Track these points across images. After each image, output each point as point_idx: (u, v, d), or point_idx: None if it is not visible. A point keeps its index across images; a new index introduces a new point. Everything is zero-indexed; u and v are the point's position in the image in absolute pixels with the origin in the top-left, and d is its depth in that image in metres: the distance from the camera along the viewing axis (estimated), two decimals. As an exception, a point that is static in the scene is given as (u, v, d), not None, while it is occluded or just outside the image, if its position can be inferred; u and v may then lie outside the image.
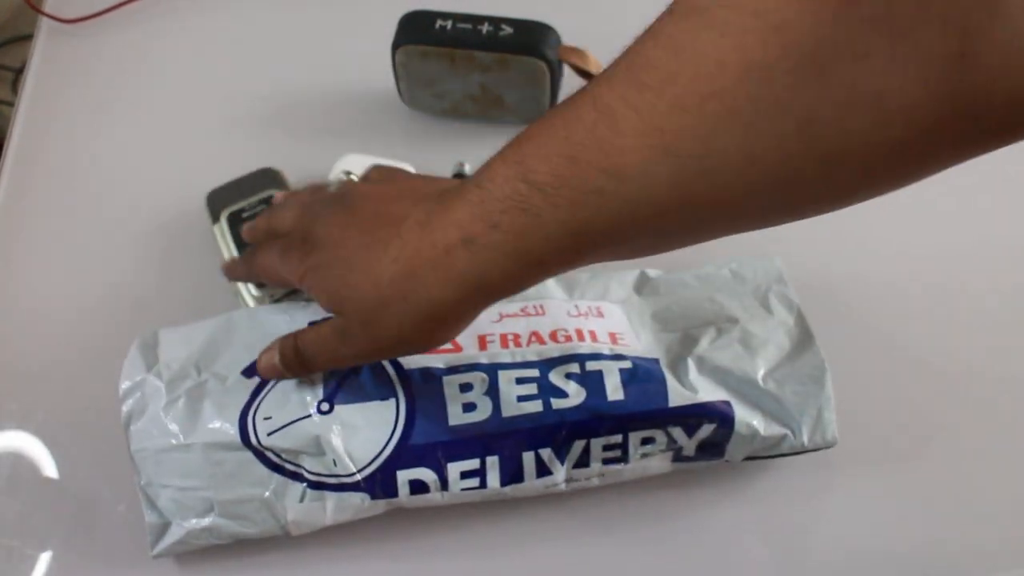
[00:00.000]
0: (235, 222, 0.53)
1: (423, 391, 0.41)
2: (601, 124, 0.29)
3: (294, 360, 0.40)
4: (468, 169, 0.57)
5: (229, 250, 0.52)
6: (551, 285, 0.47)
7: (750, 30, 0.26)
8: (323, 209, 0.40)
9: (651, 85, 0.28)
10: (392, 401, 0.41)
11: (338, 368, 0.41)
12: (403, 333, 0.36)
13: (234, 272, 0.48)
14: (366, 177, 0.44)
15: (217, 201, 0.54)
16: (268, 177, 0.55)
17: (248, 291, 0.50)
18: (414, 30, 0.56)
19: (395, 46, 0.56)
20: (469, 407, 0.41)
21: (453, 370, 0.42)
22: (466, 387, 0.41)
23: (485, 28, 0.55)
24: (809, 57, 0.26)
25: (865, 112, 0.26)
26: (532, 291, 0.47)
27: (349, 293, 0.36)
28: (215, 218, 0.53)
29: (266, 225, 0.45)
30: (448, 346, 0.43)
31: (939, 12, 0.24)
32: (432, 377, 0.42)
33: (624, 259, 0.34)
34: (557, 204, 0.30)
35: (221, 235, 0.52)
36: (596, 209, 0.30)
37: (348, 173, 0.51)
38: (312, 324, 0.42)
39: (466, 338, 0.43)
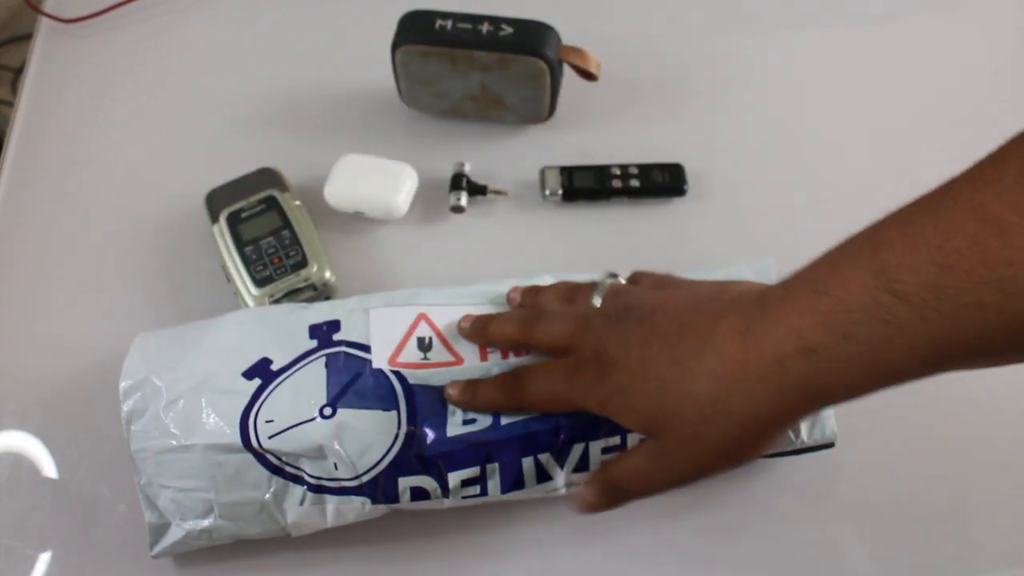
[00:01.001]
0: (234, 222, 0.53)
1: (425, 404, 0.41)
2: (986, 234, 0.26)
3: (613, 496, 0.38)
4: (468, 169, 0.57)
5: (228, 250, 0.52)
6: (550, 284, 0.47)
7: None
8: (609, 324, 0.37)
9: None
10: (394, 412, 0.41)
11: (659, 494, 0.38)
12: (725, 450, 0.33)
13: (493, 401, 0.41)
14: (634, 282, 0.41)
15: (216, 201, 0.54)
16: (267, 177, 0.55)
17: (248, 291, 0.50)
18: (414, 30, 0.56)
19: (395, 46, 0.56)
20: (469, 421, 0.41)
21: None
22: None
23: (485, 28, 0.55)
24: None
25: None
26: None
27: (664, 414, 0.34)
28: (214, 218, 0.53)
29: (520, 335, 0.41)
30: (450, 358, 0.43)
31: None
32: (435, 394, 0.42)
33: (980, 367, 0.31)
34: (926, 317, 0.28)
35: (220, 235, 0.52)
36: (971, 323, 0.27)
37: (613, 276, 0.43)
38: (611, 451, 0.41)
39: (467, 348, 0.43)
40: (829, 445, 0.44)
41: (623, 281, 0.42)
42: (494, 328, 0.42)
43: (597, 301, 0.40)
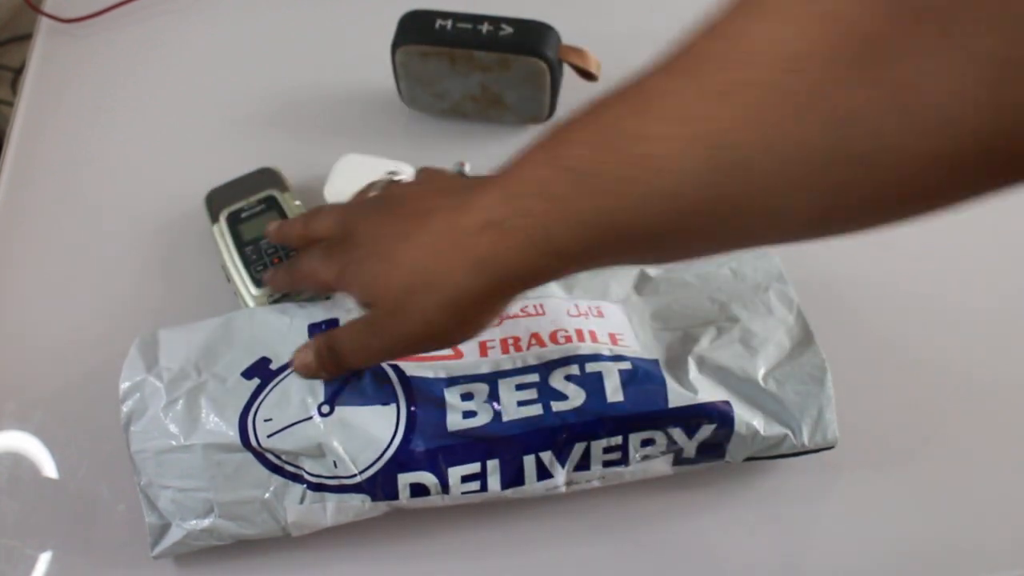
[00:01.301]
0: (234, 222, 0.53)
1: (424, 397, 0.41)
2: (635, 110, 0.28)
3: (328, 357, 0.40)
4: (468, 169, 0.57)
5: (228, 250, 0.52)
6: (551, 283, 0.47)
7: (798, 18, 0.24)
8: (362, 210, 0.40)
9: (688, 71, 0.27)
10: (393, 406, 0.41)
11: (370, 364, 0.41)
12: (429, 322, 0.35)
13: (276, 281, 0.47)
14: (412, 179, 0.44)
15: (216, 201, 0.54)
16: (267, 177, 0.55)
17: (248, 291, 0.50)
18: (414, 30, 0.56)
19: (395, 46, 0.56)
20: (469, 414, 0.41)
21: (454, 381, 0.42)
22: (467, 396, 0.42)
23: (485, 28, 0.55)
24: (855, 52, 0.23)
25: (902, 115, 0.23)
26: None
27: (378, 283, 0.36)
28: (214, 218, 0.53)
29: (302, 230, 0.45)
30: (449, 352, 0.43)
31: (993, 8, 0.21)
32: (433, 386, 0.42)
33: (649, 263, 0.32)
34: (583, 191, 0.29)
35: (220, 235, 0.52)
36: (623, 198, 0.28)
37: (393, 173, 0.51)
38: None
39: (467, 344, 0.43)
40: (830, 447, 0.44)
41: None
42: (285, 230, 0.47)
43: (371, 195, 0.43)
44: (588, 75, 0.57)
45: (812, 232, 0.29)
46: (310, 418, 0.40)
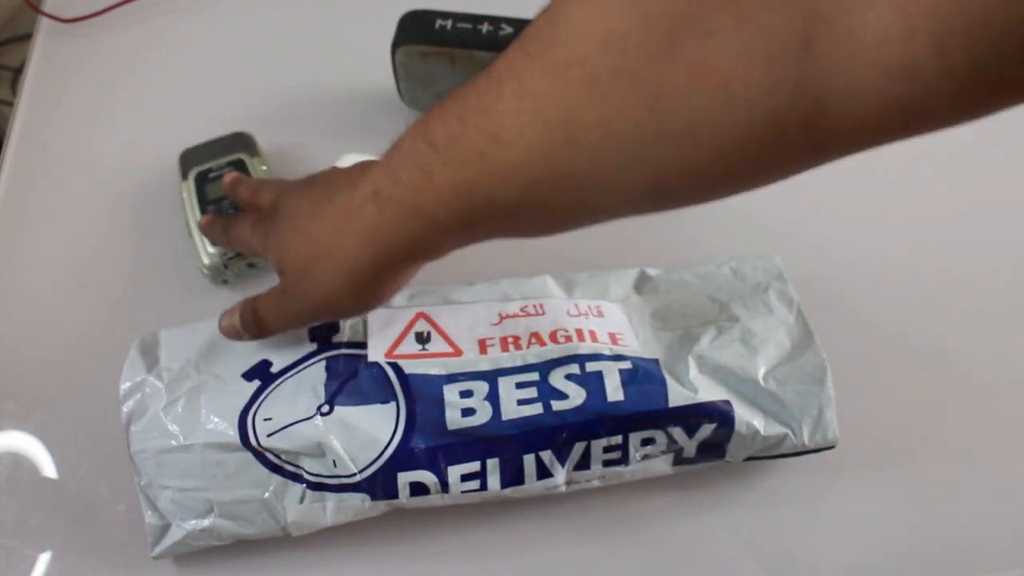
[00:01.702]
0: (201, 181, 0.54)
1: (423, 396, 0.41)
2: (489, 89, 0.30)
3: (251, 321, 0.42)
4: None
5: (193, 208, 0.53)
6: (550, 284, 0.47)
7: (613, 2, 0.27)
8: (293, 187, 0.43)
9: (530, 52, 0.29)
10: (392, 404, 0.41)
11: (287, 329, 0.43)
12: (328, 290, 0.37)
13: (211, 231, 0.50)
14: None
15: (188, 160, 0.56)
16: (240, 141, 0.56)
17: (204, 249, 0.52)
18: (414, 30, 0.56)
19: (395, 46, 0.56)
20: (468, 412, 0.41)
21: (453, 378, 0.42)
22: (466, 393, 0.41)
23: (485, 28, 0.55)
24: (661, 30, 0.26)
25: (712, 91, 0.26)
26: (531, 290, 0.47)
27: (287, 251, 0.39)
28: (184, 176, 0.54)
29: (249, 196, 0.48)
30: (448, 349, 0.43)
31: None
32: (432, 383, 0.42)
33: (525, 236, 0.34)
34: (447, 163, 0.31)
35: (187, 193, 0.54)
36: (480, 171, 0.30)
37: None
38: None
39: (466, 342, 0.43)
40: (830, 447, 0.44)
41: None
42: (238, 189, 0.49)
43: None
44: (588, 75, 0.57)
45: (654, 205, 0.31)
46: (310, 418, 0.40)
